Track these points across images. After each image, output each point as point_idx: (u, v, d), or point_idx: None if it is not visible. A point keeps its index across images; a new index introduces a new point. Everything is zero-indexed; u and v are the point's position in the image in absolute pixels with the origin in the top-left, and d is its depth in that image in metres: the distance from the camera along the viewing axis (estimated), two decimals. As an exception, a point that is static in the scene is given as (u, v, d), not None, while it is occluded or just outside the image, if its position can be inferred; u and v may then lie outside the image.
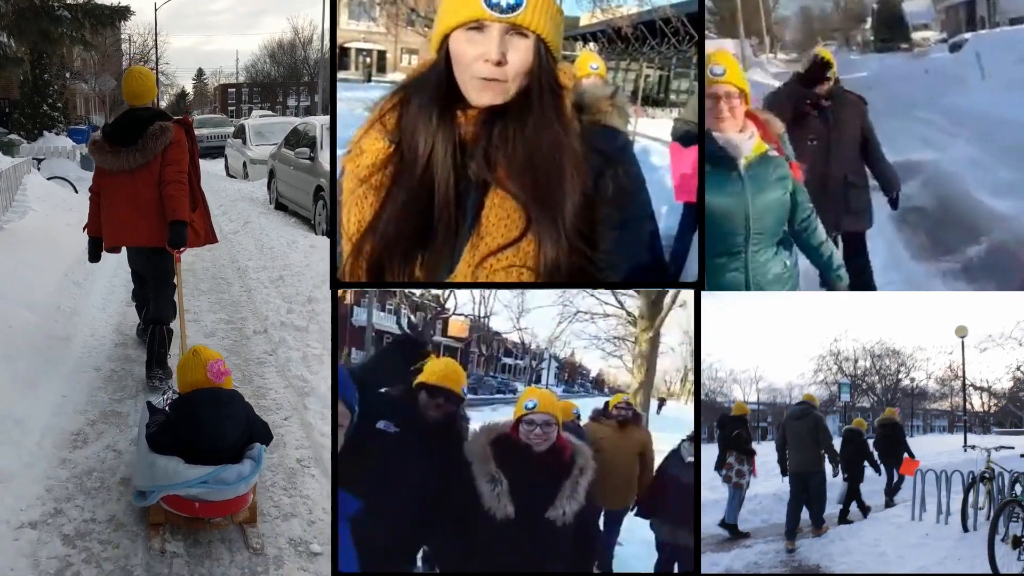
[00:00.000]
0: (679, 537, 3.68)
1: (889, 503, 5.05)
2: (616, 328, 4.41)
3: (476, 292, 4.21)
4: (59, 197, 12.44)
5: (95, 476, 4.07)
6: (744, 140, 3.12)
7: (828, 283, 3.36)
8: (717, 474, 4.70)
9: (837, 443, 4.97)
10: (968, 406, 5.71)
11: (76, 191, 14.43)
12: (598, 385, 4.76)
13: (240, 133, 20.19)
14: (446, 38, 1.94)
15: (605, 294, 4.04)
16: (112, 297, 7.65)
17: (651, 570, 3.88)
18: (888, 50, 9.43)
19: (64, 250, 8.79)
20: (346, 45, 7.23)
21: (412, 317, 4.45)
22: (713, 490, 4.64)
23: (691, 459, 3.66)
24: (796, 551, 4.48)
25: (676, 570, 3.76)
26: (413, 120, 1.96)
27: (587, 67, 4.14)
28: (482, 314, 4.46)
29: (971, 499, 4.44)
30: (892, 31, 9.64)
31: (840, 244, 4.51)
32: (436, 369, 2.79)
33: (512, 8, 1.87)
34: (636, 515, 3.90)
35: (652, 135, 4.28)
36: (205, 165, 20.78)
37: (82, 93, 37.93)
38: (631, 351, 4.41)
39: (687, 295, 3.70)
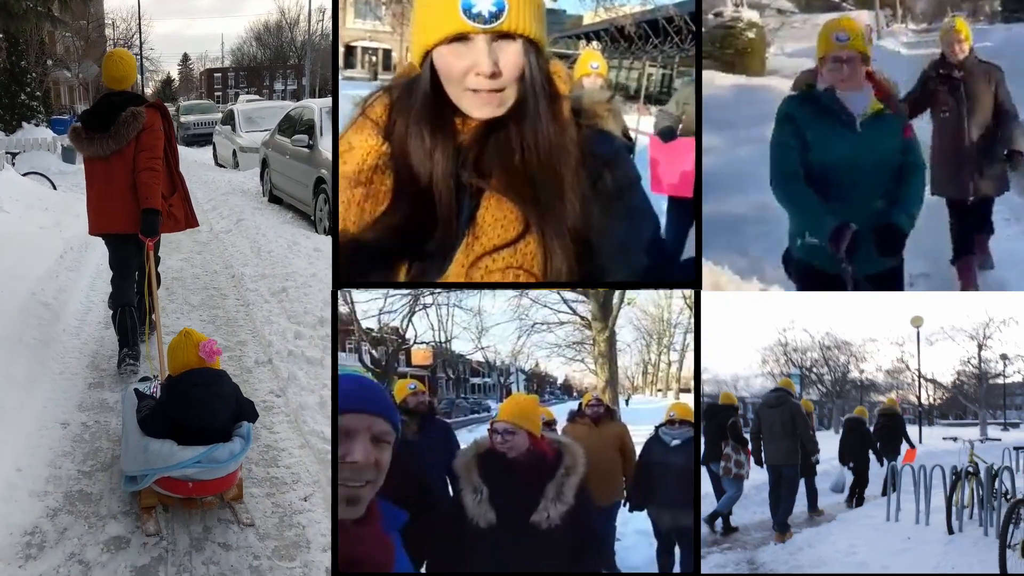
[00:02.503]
0: (677, 520, 3.63)
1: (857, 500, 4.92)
2: (573, 334, 4.53)
3: (434, 318, 4.44)
4: (34, 195, 11.12)
5: (51, 613, 2.88)
6: (863, 98, 3.33)
7: (895, 221, 3.28)
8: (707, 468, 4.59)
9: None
10: (912, 398, 5.92)
11: (55, 187, 13.12)
12: (566, 390, 4.85)
13: (229, 119, 18.76)
14: (429, 51, 1.81)
15: (558, 303, 4.26)
16: (89, 318, 6.42)
17: (654, 558, 3.87)
18: (1015, 20, 9.36)
19: (35, 259, 7.55)
20: (352, 44, 7.16)
21: (374, 352, 4.62)
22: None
23: (676, 442, 3.66)
24: (757, 560, 4.22)
25: (678, 552, 3.71)
26: (404, 135, 1.85)
27: (588, 66, 4.02)
28: (443, 339, 4.55)
29: (954, 497, 4.22)
30: (1019, 1, 9.62)
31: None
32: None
33: (495, 16, 1.75)
34: (629, 510, 3.85)
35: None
36: (193, 153, 19.62)
37: (65, 81, 36.37)
38: (591, 353, 4.55)
39: (633, 294, 4.14)
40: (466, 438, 3.08)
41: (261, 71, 66.88)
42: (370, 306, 4.18)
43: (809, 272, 3.44)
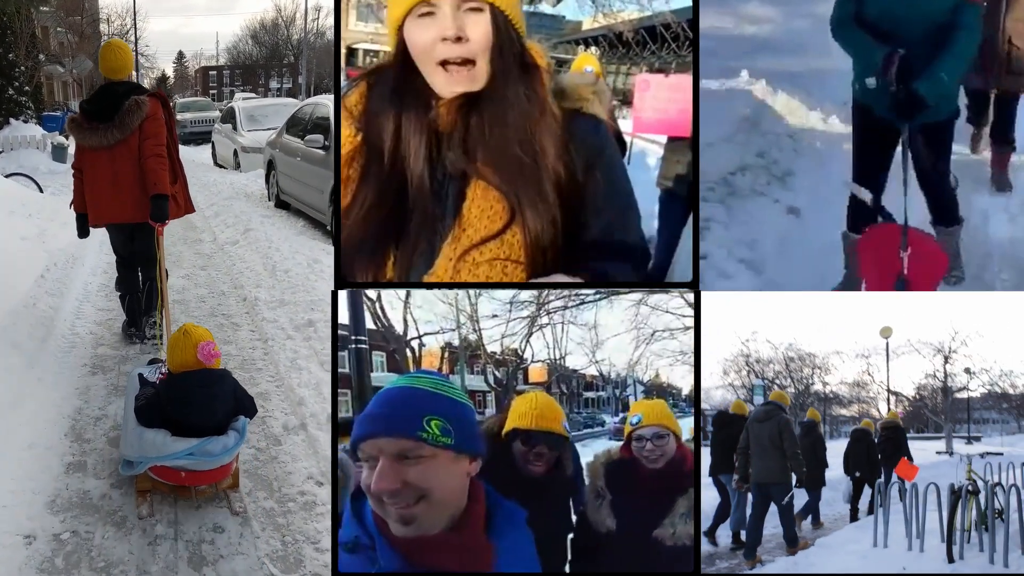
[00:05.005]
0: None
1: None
2: (702, 338, 4.40)
3: (549, 337, 4.40)
4: (17, 200, 9.74)
5: None
6: None
7: (914, 86, 3.22)
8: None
9: (837, 445, 4.84)
10: (875, 412, 5.66)
11: (41, 190, 11.74)
12: (691, 401, 4.53)
13: (229, 117, 17.41)
14: (401, 30, 1.79)
15: (682, 307, 3.86)
16: (71, 359, 5.15)
17: None
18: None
19: (10, 282, 6.28)
20: (354, 46, 6.85)
21: (497, 373, 4.60)
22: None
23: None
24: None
25: None
26: (376, 114, 1.82)
27: (582, 70, 3.83)
28: (558, 356, 4.48)
29: (954, 519, 3.80)
30: None
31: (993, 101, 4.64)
32: (527, 409, 2.51)
33: None
34: None
35: (649, 137, 3.89)
36: (190, 153, 18.22)
37: (59, 77, 34.89)
38: (727, 357, 4.44)
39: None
40: (582, 452, 2.84)
41: (256, 69, 65.59)
42: (494, 331, 4.31)
43: (867, 117, 3.53)
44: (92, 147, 4.91)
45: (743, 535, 4.30)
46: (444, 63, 1.73)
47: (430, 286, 1.90)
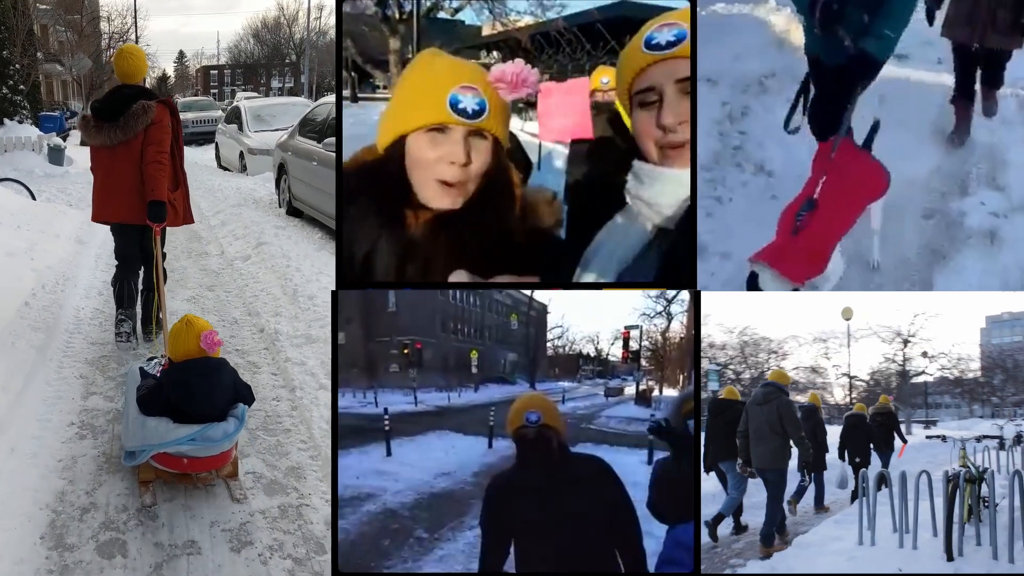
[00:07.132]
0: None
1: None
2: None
3: None
4: (5, 210, 8.72)
5: None
6: None
7: (866, 48, 3.38)
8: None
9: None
10: (830, 397, 5.77)
11: (34, 197, 10.70)
12: None
13: (234, 117, 16.41)
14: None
15: None
16: (56, 414, 4.18)
17: None
18: None
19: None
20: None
21: None
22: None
23: None
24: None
25: None
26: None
27: None
28: None
29: (952, 512, 3.44)
30: None
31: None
32: None
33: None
34: None
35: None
36: (193, 153, 17.17)
37: (58, 76, 33.88)
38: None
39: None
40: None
41: (258, 68, 64.58)
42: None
43: (815, 64, 3.77)
44: (96, 146, 5.00)
45: (742, 520, 4.25)
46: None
47: (429, 286, 1.88)
